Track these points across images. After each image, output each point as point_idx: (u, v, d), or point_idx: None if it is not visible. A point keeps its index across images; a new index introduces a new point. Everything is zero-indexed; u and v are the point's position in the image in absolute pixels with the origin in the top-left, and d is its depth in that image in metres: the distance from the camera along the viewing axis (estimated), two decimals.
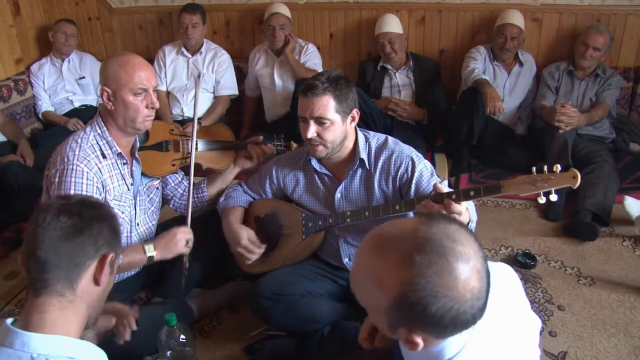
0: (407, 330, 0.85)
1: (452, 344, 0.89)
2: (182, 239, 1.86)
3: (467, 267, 0.81)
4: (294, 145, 2.17)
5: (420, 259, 0.80)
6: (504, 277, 1.06)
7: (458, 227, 0.86)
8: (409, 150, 1.81)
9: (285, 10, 3.52)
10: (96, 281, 1.02)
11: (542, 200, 1.57)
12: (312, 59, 3.51)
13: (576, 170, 1.55)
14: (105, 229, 1.03)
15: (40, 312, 0.96)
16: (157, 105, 1.80)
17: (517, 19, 3.23)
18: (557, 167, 1.54)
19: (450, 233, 0.83)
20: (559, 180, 1.55)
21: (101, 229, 1.02)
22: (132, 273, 1.97)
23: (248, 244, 1.89)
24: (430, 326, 0.82)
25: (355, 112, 1.80)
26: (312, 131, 1.73)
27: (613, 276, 2.23)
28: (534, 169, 1.61)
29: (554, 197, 1.56)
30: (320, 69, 3.46)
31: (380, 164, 1.80)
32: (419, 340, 0.85)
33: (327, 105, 1.71)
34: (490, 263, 0.91)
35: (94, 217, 1.02)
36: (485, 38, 3.47)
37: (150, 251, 1.79)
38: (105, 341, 1.39)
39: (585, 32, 3.06)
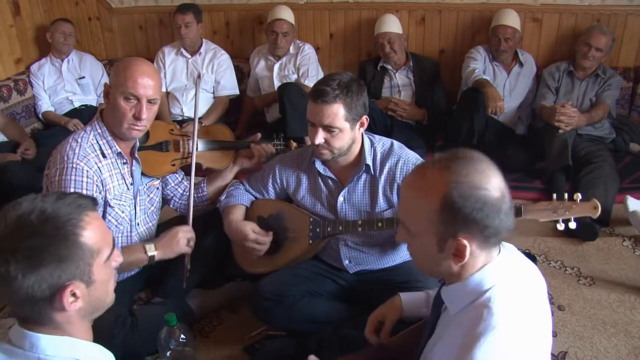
0: (453, 237, 0.96)
1: (487, 278, 1.00)
2: (184, 238, 1.84)
3: (493, 171, 0.98)
4: (294, 144, 2.16)
5: (455, 165, 0.98)
6: (540, 277, 1.13)
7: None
8: (415, 158, 1.81)
9: (289, 16, 3.49)
10: (64, 309, 0.91)
11: (561, 227, 1.56)
12: (307, 62, 3.47)
13: (597, 201, 1.55)
14: (44, 267, 0.86)
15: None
16: (143, 117, 1.71)
17: (510, 19, 3.22)
18: (578, 196, 1.54)
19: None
20: (581, 210, 1.55)
21: (33, 271, 0.86)
22: (132, 273, 1.97)
23: (256, 236, 1.88)
24: (472, 223, 0.94)
25: (365, 119, 1.77)
26: (319, 138, 1.71)
27: (613, 276, 2.23)
28: (554, 195, 1.61)
29: (572, 225, 1.56)
30: (314, 73, 3.45)
31: (386, 170, 1.79)
32: (466, 242, 0.96)
33: (337, 113, 1.68)
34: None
35: (24, 264, 0.86)
36: (485, 38, 3.47)
37: (151, 251, 1.78)
38: (104, 341, 1.38)
39: (588, 33, 3.06)
